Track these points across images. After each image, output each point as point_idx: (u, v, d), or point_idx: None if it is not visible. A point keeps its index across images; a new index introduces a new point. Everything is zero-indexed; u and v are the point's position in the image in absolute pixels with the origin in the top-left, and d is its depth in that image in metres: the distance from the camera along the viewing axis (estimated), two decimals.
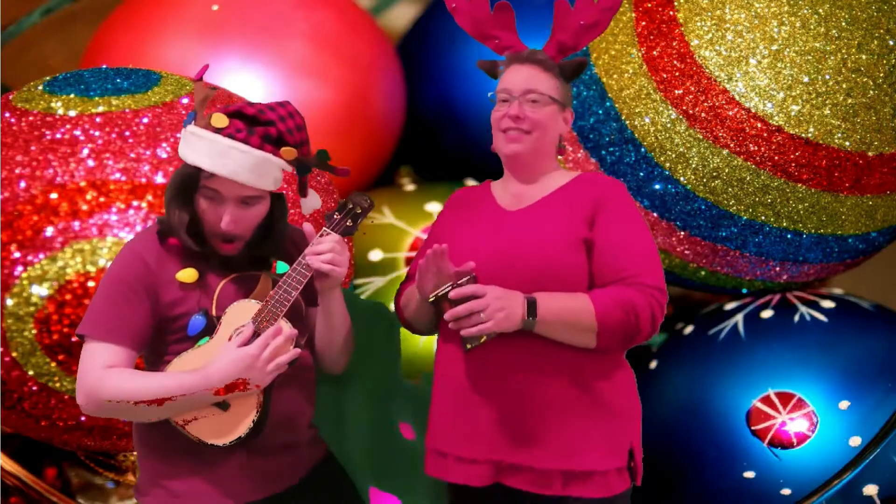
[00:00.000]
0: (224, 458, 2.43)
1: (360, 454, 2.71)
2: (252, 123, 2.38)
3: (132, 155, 2.95)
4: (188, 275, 2.40)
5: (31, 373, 2.94)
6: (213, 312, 2.40)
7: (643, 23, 3.27)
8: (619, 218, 2.46)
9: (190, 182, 2.39)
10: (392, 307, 2.70)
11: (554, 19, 2.57)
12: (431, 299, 2.38)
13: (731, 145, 3.17)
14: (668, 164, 3.23)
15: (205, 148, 2.35)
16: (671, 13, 3.24)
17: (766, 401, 3.26)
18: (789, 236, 3.27)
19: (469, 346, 2.37)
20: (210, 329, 2.39)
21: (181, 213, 2.40)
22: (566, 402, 2.40)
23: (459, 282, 2.35)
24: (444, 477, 2.49)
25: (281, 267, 2.47)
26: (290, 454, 2.51)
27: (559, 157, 2.60)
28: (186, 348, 2.39)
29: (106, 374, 2.34)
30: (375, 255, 3.73)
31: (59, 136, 2.97)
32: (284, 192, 2.49)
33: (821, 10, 3.17)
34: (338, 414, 2.68)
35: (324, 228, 2.42)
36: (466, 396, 2.44)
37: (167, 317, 2.40)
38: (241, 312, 2.38)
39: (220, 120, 2.36)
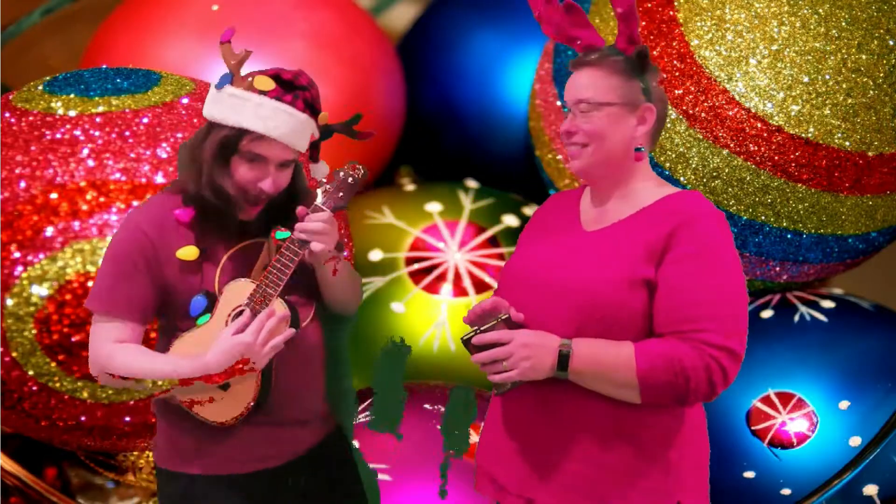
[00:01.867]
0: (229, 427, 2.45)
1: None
2: (291, 88, 2.39)
3: (132, 155, 2.95)
4: (188, 252, 2.40)
5: (31, 373, 2.94)
6: (216, 289, 2.40)
7: (643, 23, 3.27)
8: (694, 255, 2.16)
9: (230, 144, 2.37)
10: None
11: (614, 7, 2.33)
12: (462, 339, 2.22)
13: (731, 145, 3.17)
14: (668, 164, 3.23)
15: (252, 110, 2.34)
16: (671, 13, 3.24)
17: (766, 401, 3.26)
18: (789, 236, 3.27)
19: (496, 391, 2.23)
20: (212, 307, 2.40)
21: (222, 179, 2.36)
22: (604, 448, 2.21)
23: (485, 326, 2.19)
24: (486, 495, 2.40)
25: (279, 233, 2.45)
26: (299, 428, 2.51)
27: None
28: (191, 326, 2.41)
29: (114, 351, 2.38)
30: (375, 255, 3.73)
31: (59, 136, 2.97)
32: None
33: (821, 10, 3.17)
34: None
35: (315, 203, 2.40)
36: (510, 424, 2.30)
37: (171, 294, 2.41)
38: (238, 292, 2.38)
39: (265, 83, 2.36)
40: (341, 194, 2.40)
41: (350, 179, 2.41)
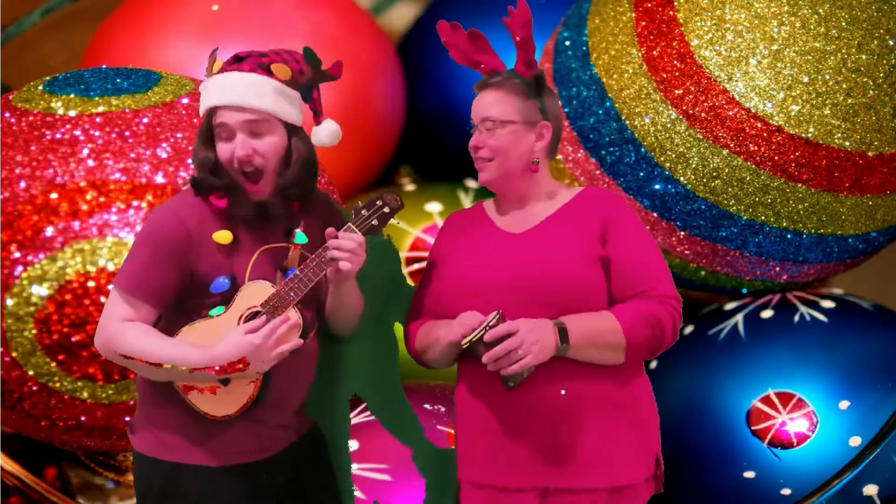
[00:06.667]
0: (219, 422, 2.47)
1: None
2: (242, 59, 2.47)
3: (132, 155, 2.95)
4: (223, 236, 2.44)
5: (31, 373, 2.94)
6: (244, 279, 2.44)
7: (643, 23, 3.28)
8: (629, 233, 2.46)
9: (206, 130, 2.46)
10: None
11: (512, 37, 2.55)
12: (465, 344, 2.36)
13: (731, 145, 3.17)
14: (668, 164, 3.23)
15: (206, 91, 2.45)
16: (671, 13, 3.24)
17: (766, 401, 3.27)
18: (789, 236, 3.27)
19: (511, 384, 2.35)
20: (230, 295, 2.43)
21: (206, 153, 2.45)
22: (599, 419, 2.40)
23: (489, 323, 2.34)
24: None
25: (299, 237, 2.48)
26: (278, 430, 2.54)
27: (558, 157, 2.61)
28: (207, 306, 2.44)
29: (124, 329, 2.41)
30: None
31: (59, 136, 2.97)
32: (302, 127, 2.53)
33: (821, 10, 3.17)
34: (329, 382, 2.68)
35: (348, 223, 2.44)
36: (500, 427, 2.43)
37: (203, 282, 2.44)
38: (256, 293, 2.42)
39: (217, 65, 2.47)
40: (375, 222, 2.45)
41: (386, 209, 2.46)
